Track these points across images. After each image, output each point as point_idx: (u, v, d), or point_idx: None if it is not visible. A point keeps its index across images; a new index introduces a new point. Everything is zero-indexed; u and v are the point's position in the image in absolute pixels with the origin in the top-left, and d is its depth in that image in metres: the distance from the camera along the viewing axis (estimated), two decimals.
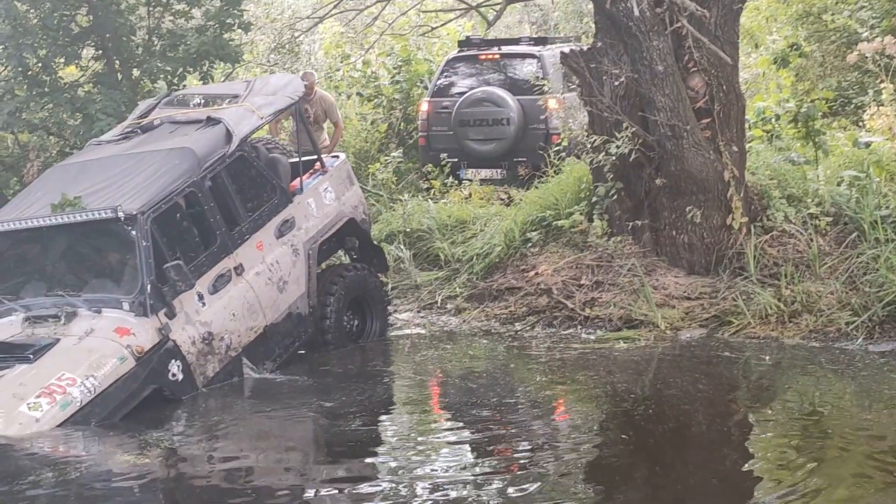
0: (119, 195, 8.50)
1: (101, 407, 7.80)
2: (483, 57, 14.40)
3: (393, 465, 6.90)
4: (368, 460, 7.13)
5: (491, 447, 7.13)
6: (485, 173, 13.86)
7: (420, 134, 14.53)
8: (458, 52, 14.73)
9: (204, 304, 8.59)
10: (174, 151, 8.93)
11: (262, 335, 9.01)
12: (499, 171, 13.83)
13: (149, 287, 8.22)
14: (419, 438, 7.57)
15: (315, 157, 10.21)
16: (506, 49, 14.46)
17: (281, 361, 9.16)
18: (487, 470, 6.67)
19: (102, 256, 8.71)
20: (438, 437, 7.57)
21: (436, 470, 6.71)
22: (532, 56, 14.09)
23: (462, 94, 14.07)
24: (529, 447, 7.11)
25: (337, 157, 10.59)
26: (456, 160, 13.82)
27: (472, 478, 6.51)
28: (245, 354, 8.85)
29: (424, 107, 14.48)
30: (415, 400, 8.69)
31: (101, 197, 8.55)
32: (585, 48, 10.86)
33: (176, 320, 8.35)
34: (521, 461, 6.81)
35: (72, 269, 8.67)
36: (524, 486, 6.28)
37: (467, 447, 7.20)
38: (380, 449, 7.38)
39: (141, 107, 10.34)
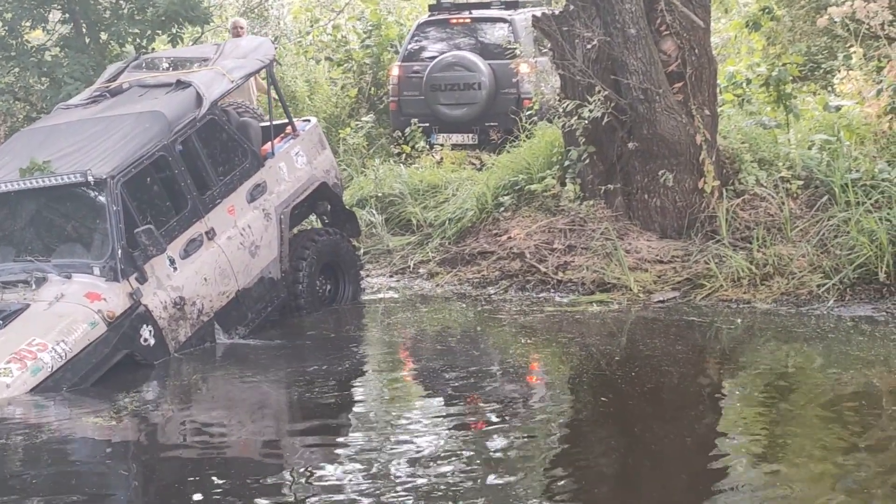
0: (88, 159, 8.42)
1: (72, 372, 7.76)
2: (454, 21, 14.33)
3: (367, 430, 6.89)
4: (342, 426, 7.12)
5: (465, 411, 7.13)
6: (456, 138, 13.83)
7: (391, 99, 14.46)
8: (429, 16, 14.64)
9: (175, 268, 8.54)
10: (144, 115, 8.84)
11: (234, 300, 8.96)
12: (470, 135, 13.80)
13: (119, 252, 8.16)
14: (392, 403, 7.58)
15: (286, 120, 10.15)
16: (477, 13, 14.39)
17: (253, 326, 9.13)
18: (462, 434, 6.67)
19: (72, 221, 8.63)
20: (411, 403, 7.58)
21: (409, 435, 6.70)
22: (503, 20, 14.03)
23: (433, 58, 14.00)
24: (504, 411, 7.11)
25: (308, 120, 10.53)
26: (427, 125, 13.77)
27: (447, 442, 6.52)
28: (217, 319, 8.81)
29: (395, 71, 14.41)
30: (388, 364, 8.69)
31: (71, 161, 8.47)
32: (557, 12, 10.81)
33: (147, 285, 8.30)
34: (496, 425, 6.81)
35: (41, 234, 8.58)
36: (499, 451, 6.30)
37: (442, 412, 7.21)
38: (354, 414, 7.37)
39: (109, 70, 10.22)
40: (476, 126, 13.72)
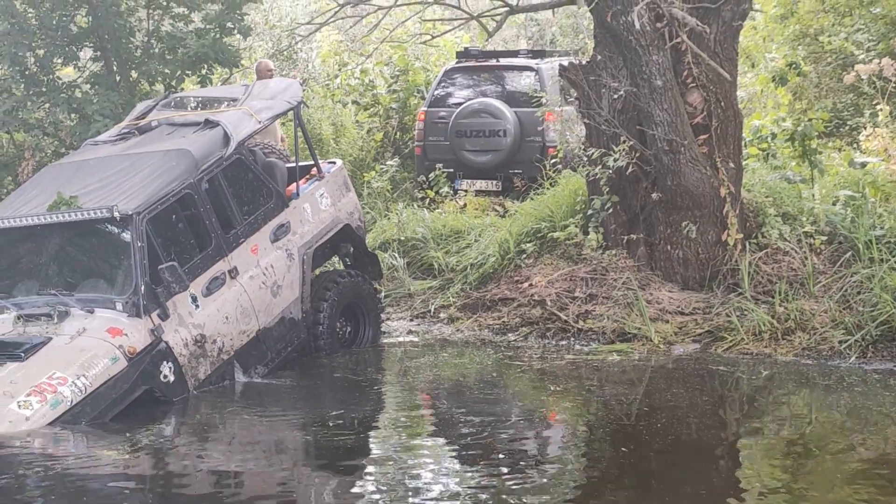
0: (115, 195, 8.48)
1: (91, 407, 7.77)
2: (481, 68, 14.40)
3: (382, 475, 6.87)
4: (357, 470, 7.10)
5: (481, 458, 7.09)
6: (480, 184, 13.85)
7: (416, 143, 14.52)
8: (456, 62, 14.73)
9: (197, 306, 8.56)
10: (171, 153, 8.91)
11: (255, 339, 8.98)
12: (494, 182, 13.83)
13: (143, 288, 8.20)
14: (408, 449, 7.54)
15: (312, 162, 10.21)
16: (504, 61, 14.47)
17: (273, 366, 9.13)
18: (477, 482, 6.63)
19: (97, 256, 8.69)
20: (427, 449, 7.54)
21: (424, 482, 6.68)
22: (530, 68, 14.09)
23: (459, 104, 14.06)
24: (520, 459, 7.09)
25: (334, 162, 10.59)
26: (451, 170, 13.82)
27: (461, 490, 6.48)
28: (237, 358, 8.82)
29: (421, 117, 14.48)
30: (405, 409, 8.66)
31: (97, 197, 8.53)
32: (584, 61, 10.87)
33: (169, 322, 8.33)
34: (512, 473, 6.78)
35: (65, 269, 8.63)
36: (513, 500, 6.25)
37: (457, 458, 7.18)
38: (369, 459, 7.35)
39: (138, 108, 10.32)
40: (500, 173, 13.75)
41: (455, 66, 14.62)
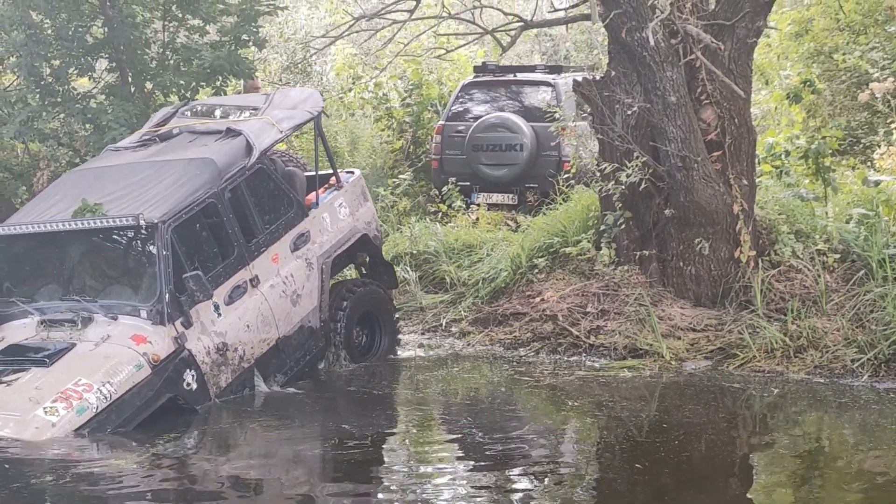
0: (139, 203, 8.52)
1: (116, 414, 7.80)
2: (498, 83, 14.46)
3: (394, 490, 6.90)
4: (371, 484, 7.13)
5: (493, 474, 7.12)
6: (496, 197, 13.92)
7: (433, 157, 14.58)
8: (474, 77, 14.79)
9: (220, 314, 8.59)
10: (195, 161, 8.95)
11: (275, 347, 9.02)
12: (510, 196, 13.89)
13: (167, 296, 8.22)
14: (421, 464, 7.58)
15: (331, 171, 10.27)
16: (521, 76, 14.53)
17: (292, 374, 9.17)
18: (489, 497, 6.66)
19: (121, 263, 8.71)
20: (439, 463, 7.58)
21: (436, 496, 6.72)
22: (547, 83, 14.16)
23: (476, 118, 14.12)
24: (532, 475, 7.11)
25: (352, 172, 10.63)
26: (468, 184, 13.89)
27: None
28: (257, 366, 8.85)
29: (438, 130, 14.54)
30: (419, 425, 8.67)
31: (121, 204, 8.57)
32: (598, 77, 10.94)
33: (192, 330, 8.35)
34: (524, 490, 6.81)
35: (89, 275, 8.66)
36: None
37: (469, 473, 7.20)
38: (383, 473, 7.38)
39: (159, 114, 10.33)
40: (516, 187, 13.81)
41: (472, 81, 14.68)
